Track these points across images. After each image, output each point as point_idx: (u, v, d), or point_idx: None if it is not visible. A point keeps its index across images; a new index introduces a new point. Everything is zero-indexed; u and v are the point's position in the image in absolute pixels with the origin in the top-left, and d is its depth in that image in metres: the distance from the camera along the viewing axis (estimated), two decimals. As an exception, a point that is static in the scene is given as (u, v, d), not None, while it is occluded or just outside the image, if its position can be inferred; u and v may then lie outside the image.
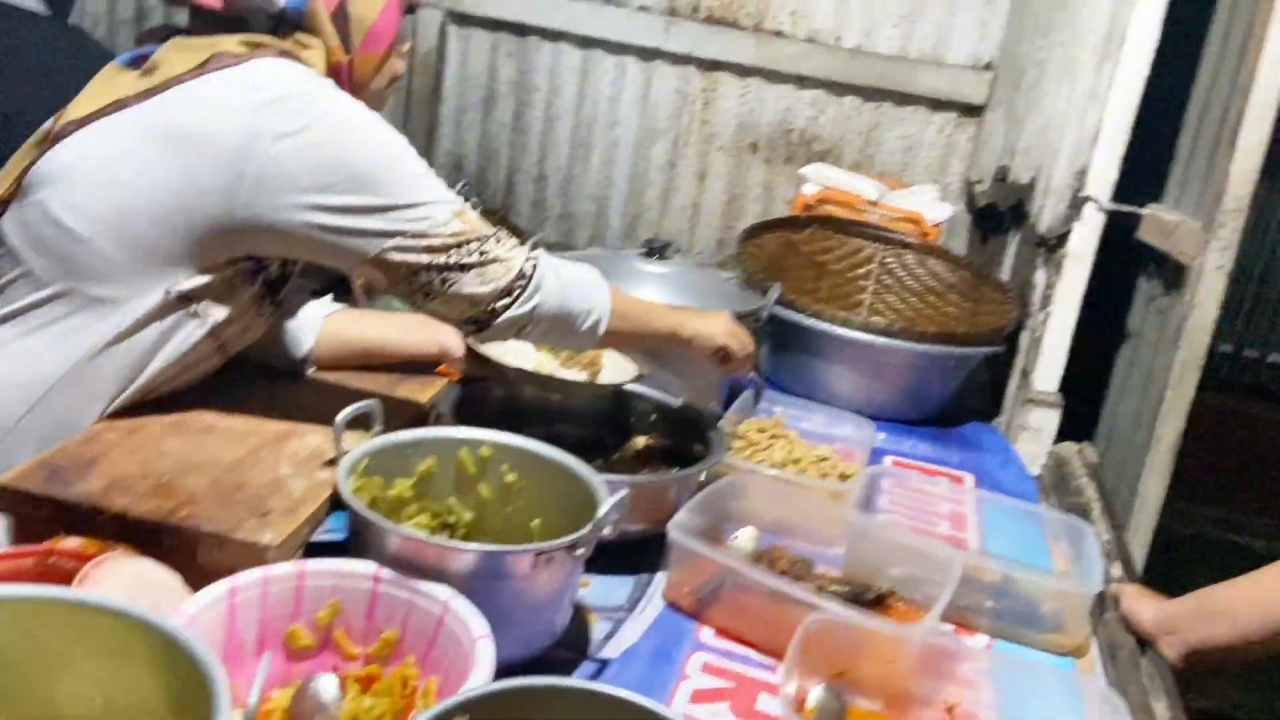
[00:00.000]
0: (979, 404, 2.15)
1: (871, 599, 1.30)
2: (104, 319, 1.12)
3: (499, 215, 2.75)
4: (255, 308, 1.22)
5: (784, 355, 2.05)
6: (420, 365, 1.49)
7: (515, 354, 1.46)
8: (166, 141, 1.09)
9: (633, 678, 1.12)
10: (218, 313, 1.18)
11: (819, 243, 2.33)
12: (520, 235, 2.64)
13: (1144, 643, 1.26)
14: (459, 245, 1.13)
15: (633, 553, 1.34)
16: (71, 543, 0.95)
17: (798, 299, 1.95)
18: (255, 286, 1.20)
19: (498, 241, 1.17)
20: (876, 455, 1.82)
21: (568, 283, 1.21)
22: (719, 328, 1.42)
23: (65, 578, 0.89)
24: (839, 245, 2.33)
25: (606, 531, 1.07)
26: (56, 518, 1.01)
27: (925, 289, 2.28)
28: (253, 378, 1.34)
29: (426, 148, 3.20)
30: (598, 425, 1.56)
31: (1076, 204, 1.80)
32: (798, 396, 1.91)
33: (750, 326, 1.79)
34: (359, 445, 1.14)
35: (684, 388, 1.66)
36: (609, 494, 1.13)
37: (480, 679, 0.88)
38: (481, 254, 1.15)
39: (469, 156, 3.22)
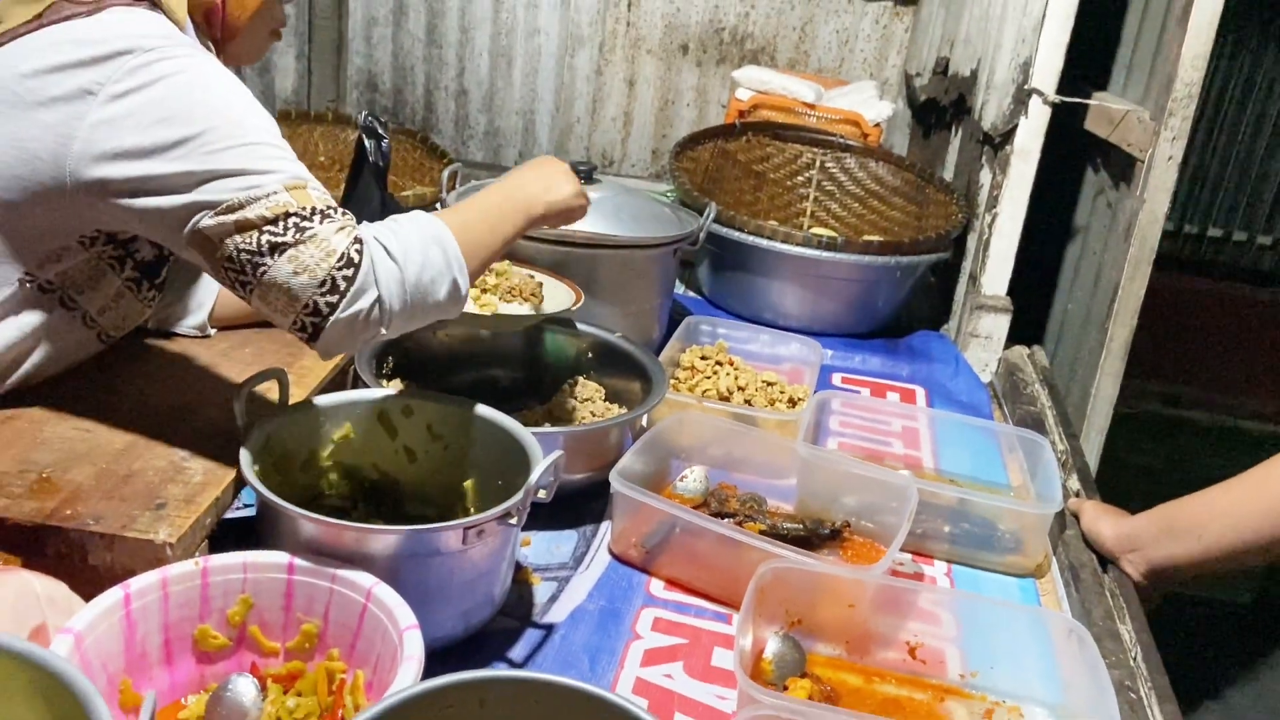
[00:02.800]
0: (927, 312, 2.09)
1: (827, 534, 1.25)
2: None
3: (419, 136, 2.60)
4: (131, 293, 1.10)
5: (725, 274, 1.96)
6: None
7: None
8: None
9: (581, 643, 1.06)
10: (87, 303, 1.06)
11: (756, 151, 2.23)
12: (443, 157, 2.52)
13: (1105, 561, 1.23)
14: (275, 220, 0.92)
15: (576, 503, 1.27)
16: (-63, 560, 0.85)
17: (736, 215, 1.85)
18: (125, 271, 1.08)
19: (325, 220, 0.94)
20: (825, 373, 1.76)
21: (404, 258, 0.96)
22: (565, 189, 1.15)
23: (-70, 603, 0.79)
24: (777, 152, 2.23)
25: (542, 495, 0.99)
26: (-79, 529, 0.91)
27: (868, 193, 2.19)
28: (144, 347, 1.22)
29: (335, 66, 3.00)
30: (533, 367, 1.47)
31: (1021, 98, 1.71)
32: (741, 317, 1.83)
33: (688, 249, 1.70)
34: (266, 418, 1.05)
35: (622, 318, 1.57)
36: (542, 450, 1.05)
37: (408, 676, 0.81)
38: (299, 232, 0.92)
39: (382, 74, 3.02)
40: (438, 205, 1.75)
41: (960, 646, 1.07)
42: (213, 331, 1.29)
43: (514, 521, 0.98)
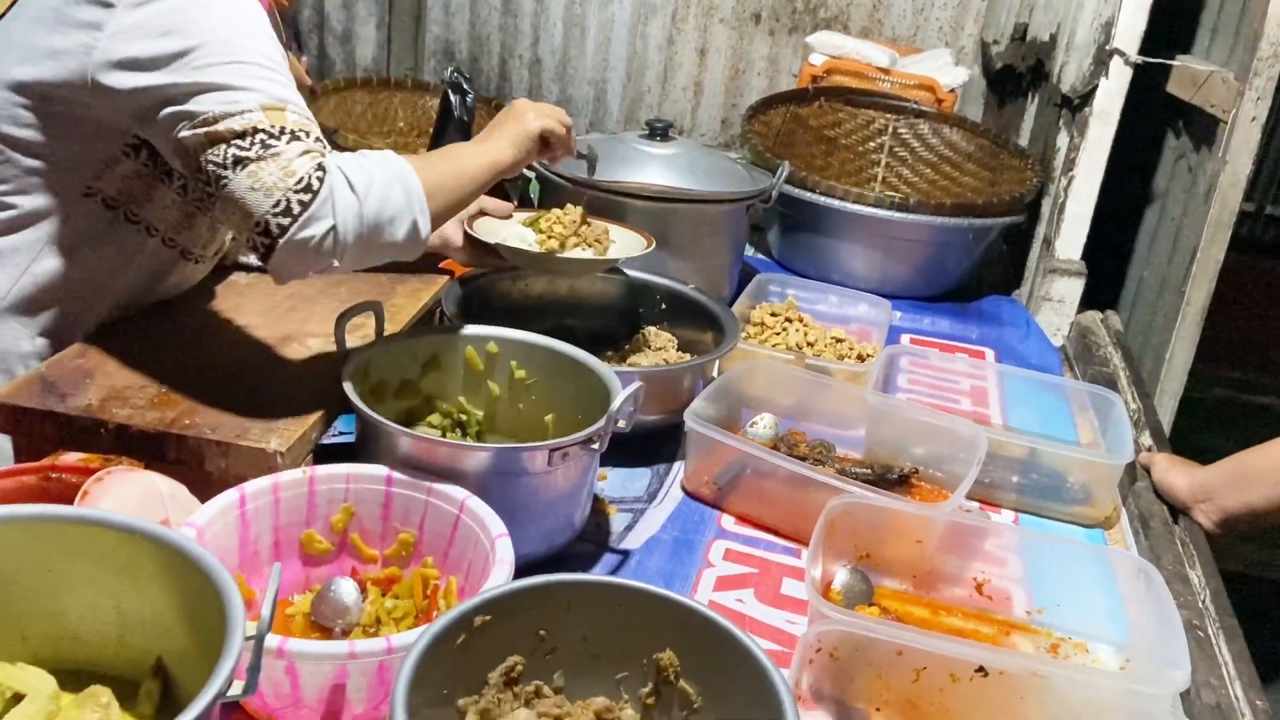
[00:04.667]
0: (998, 276, 2.09)
1: (895, 479, 1.27)
2: (31, 228, 1.07)
3: (494, 104, 2.65)
4: (181, 199, 1.14)
5: (795, 236, 1.98)
6: (422, 261, 1.44)
7: (518, 238, 1.40)
8: (45, 13, 1.01)
9: (656, 568, 1.10)
10: (149, 216, 1.12)
11: (828, 116, 2.24)
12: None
13: (1176, 512, 1.23)
14: (242, 135, 0.94)
15: (649, 444, 1.31)
16: (72, 458, 0.93)
17: (808, 176, 1.87)
18: (175, 181, 1.12)
19: (292, 140, 0.95)
20: (893, 334, 1.78)
21: (365, 192, 0.97)
22: (526, 122, 1.17)
23: (68, 494, 0.87)
24: (849, 118, 2.24)
25: (621, 424, 1.04)
26: (55, 433, 0.98)
27: (941, 159, 2.19)
28: (244, 284, 1.29)
29: (414, 35, 3.07)
30: (607, 316, 1.52)
31: (1102, 59, 1.70)
32: (810, 279, 1.86)
33: (759, 208, 1.73)
34: (363, 347, 1.11)
35: (694, 273, 1.61)
36: (622, 386, 1.09)
37: (500, 577, 0.86)
38: (263, 149, 0.93)
39: (459, 43, 3.09)
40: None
41: (1026, 586, 1.09)
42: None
43: (596, 447, 1.02)
